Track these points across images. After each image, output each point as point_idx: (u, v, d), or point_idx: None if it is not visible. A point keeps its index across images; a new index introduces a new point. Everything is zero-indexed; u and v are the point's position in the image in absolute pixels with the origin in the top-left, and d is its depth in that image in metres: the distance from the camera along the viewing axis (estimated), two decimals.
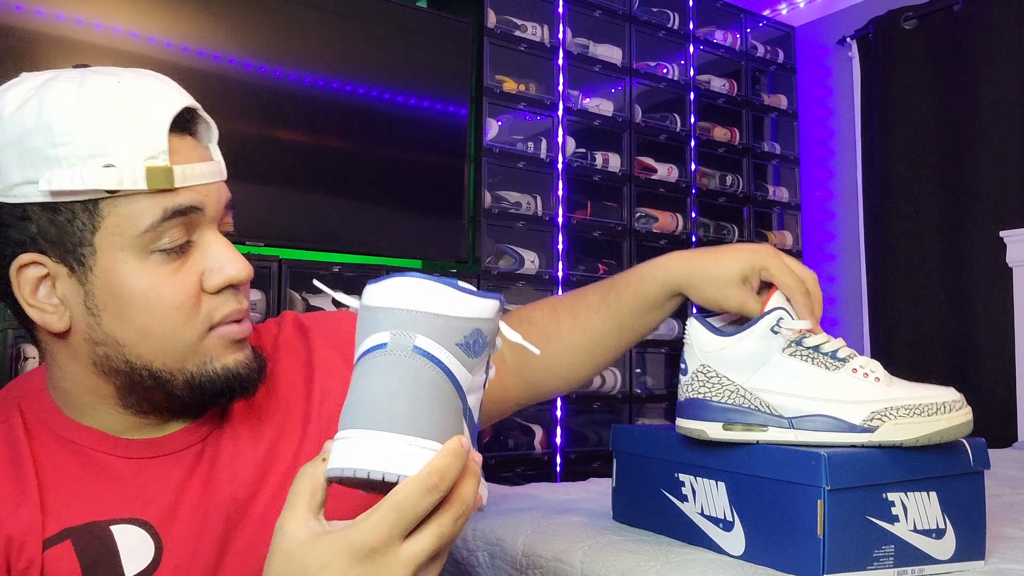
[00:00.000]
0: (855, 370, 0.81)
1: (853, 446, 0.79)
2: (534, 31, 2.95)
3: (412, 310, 0.53)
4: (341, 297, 0.61)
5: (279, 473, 0.74)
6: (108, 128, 0.63)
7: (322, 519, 0.53)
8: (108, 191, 0.63)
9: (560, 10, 3.02)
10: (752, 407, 0.83)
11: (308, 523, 0.52)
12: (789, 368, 0.81)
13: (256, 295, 2.28)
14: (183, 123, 0.67)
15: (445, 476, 0.51)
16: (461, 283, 0.55)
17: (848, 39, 3.51)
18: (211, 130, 0.71)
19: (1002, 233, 2.89)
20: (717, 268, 0.88)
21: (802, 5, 3.75)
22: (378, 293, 0.55)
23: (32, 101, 0.63)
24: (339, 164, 2.54)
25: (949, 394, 0.80)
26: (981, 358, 2.92)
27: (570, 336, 0.94)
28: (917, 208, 3.18)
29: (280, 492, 0.74)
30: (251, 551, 0.71)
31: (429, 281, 0.54)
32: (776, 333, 0.82)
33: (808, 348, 0.82)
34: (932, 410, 0.78)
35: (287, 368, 0.80)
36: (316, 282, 0.66)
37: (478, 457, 0.55)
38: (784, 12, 3.80)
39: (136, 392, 0.69)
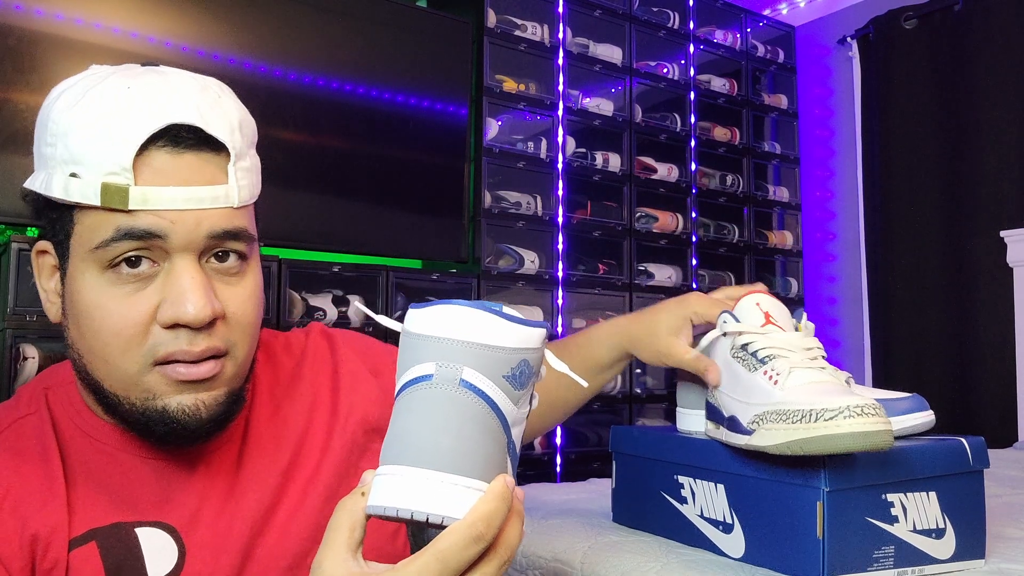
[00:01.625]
0: (766, 372, 0.80)
1: (743, 447, 0.81)
2: (534, 31, 2.95)
3: (459, 340, 0.51)
4: (384, 320, 0.58)
5: (301, 483, 0.74)
6: (84, 137, 0.61)
7: (360, 558, 0.51)
8: (73, 202, 0.62)
9: (560, 10, 3.02)
10: (716, 405, 0.87)
11: (347, 563, 0.50)
12: (729, 369, 0.85)
13: None
14: (182, 139, 0.63)
15: (491, 523, 0.49)
16: (506, 309, 0.53)
17: (848, 39, 3.51)
18: (235, 151, 0.65)
19: (1002, 233, 2.89)
20: (652, 324, 0.92)
21: (802, 5, 3.74)
22: (422, 320, 0.52)
23: (57, 95, 0.64)
24: (339, 164, 2.54)
25: (846, 400, 0.71)
26: (981, 358, 2.92)
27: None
28: (917, 208, 3.17)
29: (301, 502, 0.73)
30: (273, 560, 0.71)
31: (476, 309, 0.51)
32: (726, 336, 0.86)
33: (740, 348, 0.84)
34: (797, 417, 0.72)
35: (313, 378, 0.79)
36: (360, 306, 0.64)
37: (521, 494, 0.53)
38: (784, 12, 3.80)
39: (108, 408, 0.67)
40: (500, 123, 2.92)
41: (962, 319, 3.01)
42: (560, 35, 3.02)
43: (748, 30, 3.58)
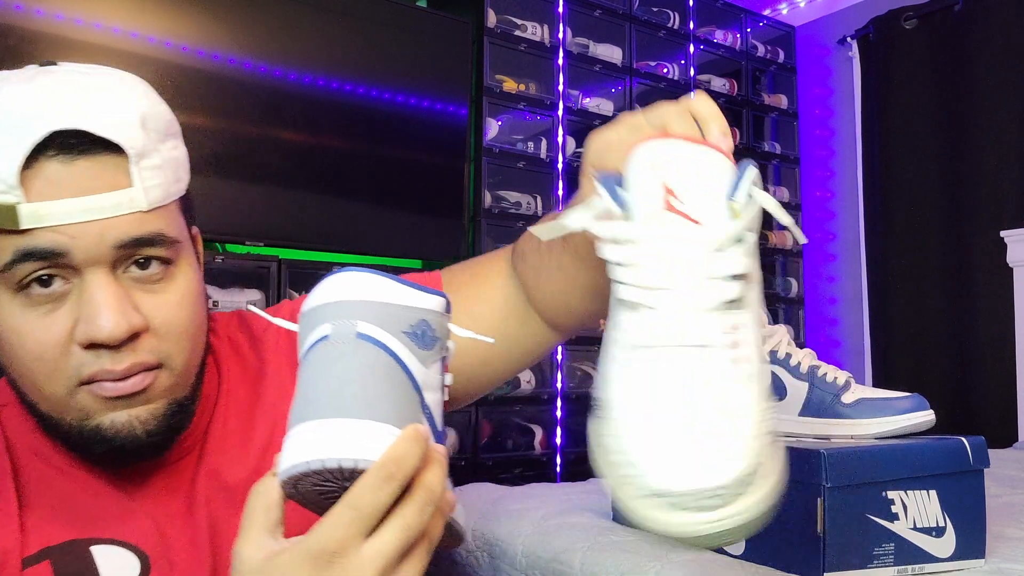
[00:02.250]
0: (618, 331, 0.50)
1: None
2: (534, 31, 2.95)
3: (351, 300, 0.50)
4: (281, 323, 0.57)
5: None
6: None
7: (279, 537, 0.48)
8: None
9: (560, 10, 3.02)
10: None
11: (264, 543, 0.48)
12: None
13: (256, 295, 2.28)
14: (72, 146, 0.57)
15: (402, 464, 0.46)
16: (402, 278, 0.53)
17: (848, 39, 3.51)
18: (134, 151, 0.59)
19: (1002, 233, 2.89)
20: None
21: (802, 5, 3.74)
22: (314, 295, 0.52)
23: None
24: (339, 164, 2.54)
25: (682, 483, 0.43)
26: (981, 358, 2.92)
27: (548, 275, 0.74)
28: (918, 208, 3.17)
29: None
30: None
31: (366, 273, 0.51)
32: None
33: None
34: (616, 463, 0.49)
35: (276, 370, 0.76)
36: (251, 307, 0.62)
37: (442, 448, 0.50)
38: (784, 12, 3.80)
39: (48, 429, 0.63)
40: (500, 123, 2.92)
41: (962, 319, 3.01)
42: (560, 35, 3.01)
43: (748, 30, 3.58)
